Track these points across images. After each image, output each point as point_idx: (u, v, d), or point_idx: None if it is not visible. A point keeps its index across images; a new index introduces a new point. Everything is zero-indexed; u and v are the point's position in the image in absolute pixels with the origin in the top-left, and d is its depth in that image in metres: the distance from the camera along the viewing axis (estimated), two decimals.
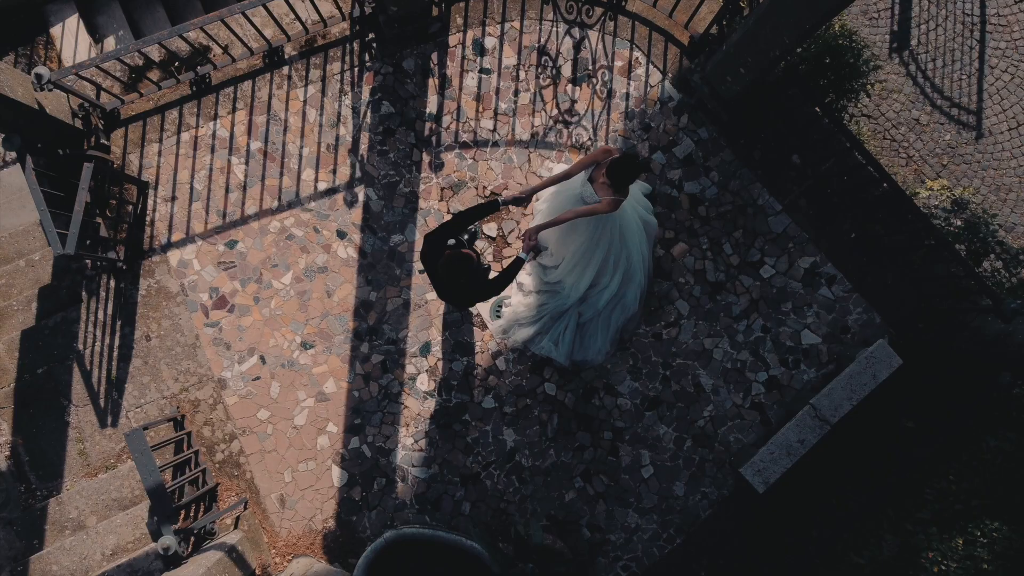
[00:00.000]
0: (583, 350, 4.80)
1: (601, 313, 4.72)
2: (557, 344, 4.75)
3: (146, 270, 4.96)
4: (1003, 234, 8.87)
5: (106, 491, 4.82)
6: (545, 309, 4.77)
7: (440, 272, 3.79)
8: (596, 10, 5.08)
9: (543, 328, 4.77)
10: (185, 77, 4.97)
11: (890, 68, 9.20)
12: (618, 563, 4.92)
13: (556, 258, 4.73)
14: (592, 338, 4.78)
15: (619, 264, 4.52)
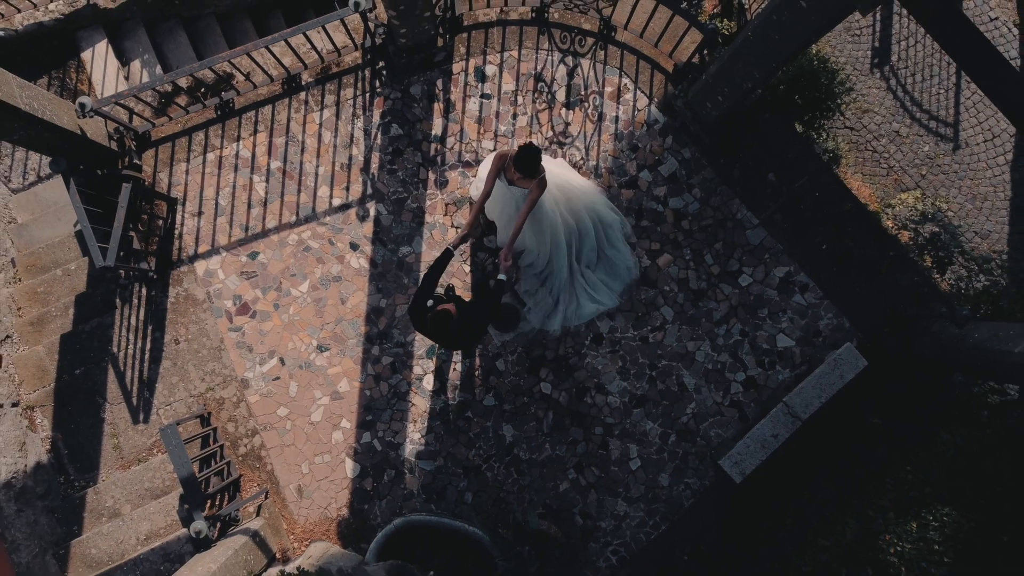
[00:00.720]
0: (597, 295, 5.29)
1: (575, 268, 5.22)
2: (581, 303, 5.25)
3: (175, 279, 5.41)
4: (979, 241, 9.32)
5: (139, 482, 5.26)
6: (555, 292, 5.23)
7: (432, 333, 4.27)
8: (588, 40, 5.53)
9: (565, 302, 5.24)
10: (211, 102, 5.42)
11: (871, 82, 9.66)
12: (608, 548, 5.36)
13: (541, 250, 5.13)
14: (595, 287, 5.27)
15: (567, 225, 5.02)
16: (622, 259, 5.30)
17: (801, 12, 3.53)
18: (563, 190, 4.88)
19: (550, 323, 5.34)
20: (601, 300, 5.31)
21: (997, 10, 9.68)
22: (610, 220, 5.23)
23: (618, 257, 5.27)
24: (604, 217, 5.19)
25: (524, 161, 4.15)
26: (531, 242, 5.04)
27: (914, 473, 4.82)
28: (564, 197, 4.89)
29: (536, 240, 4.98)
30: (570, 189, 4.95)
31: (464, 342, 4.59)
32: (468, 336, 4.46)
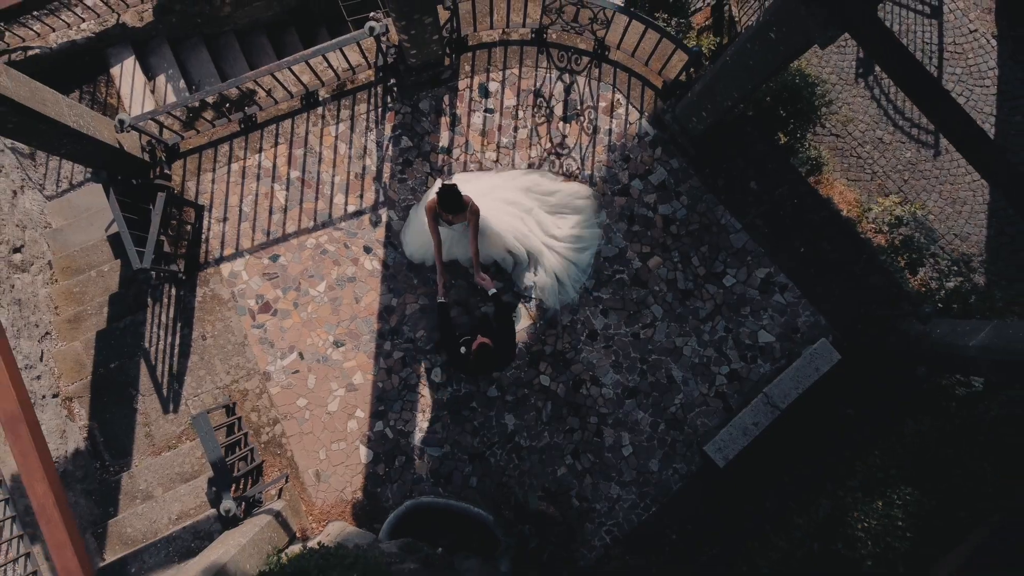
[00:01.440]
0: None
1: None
2: (575, 261, 5.82)
3: (202, 280, 5.86)
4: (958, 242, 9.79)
5: (170, 466, 5.71)
6: (549, 270, 5.74)
7: (483, 367, 5.05)
8: (583, 59, 5.98)
9: (563, 271, 5.78)
10: (235, 117, 5.86)
11: (856, 92, 10.13)
12: (602, 528, 5.81)
13: (511, 251, 5.63)
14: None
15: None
16: (570, 193, 5.73)
17: (770, 43, 3.97)
18: (494, 195, 5.39)
19: (565, 296, 5.82)
20: (587, 243, 5.79)
21: (976, 22, 10.12)
22: (548, 187, 5.69)
23: (567, 197, 5.71)
24: (540, 187, 5.65)
25: (448, 202, 4.63)
26: (496, 252, 5.54)
27: (881, 457, 5.27)
28: (499, 197, 5.41)
29: (498, 248, 5.49)
30: (499, 188, 5.48)
31: (508, 356, 5.31)
32: (508, 350, 5.14)
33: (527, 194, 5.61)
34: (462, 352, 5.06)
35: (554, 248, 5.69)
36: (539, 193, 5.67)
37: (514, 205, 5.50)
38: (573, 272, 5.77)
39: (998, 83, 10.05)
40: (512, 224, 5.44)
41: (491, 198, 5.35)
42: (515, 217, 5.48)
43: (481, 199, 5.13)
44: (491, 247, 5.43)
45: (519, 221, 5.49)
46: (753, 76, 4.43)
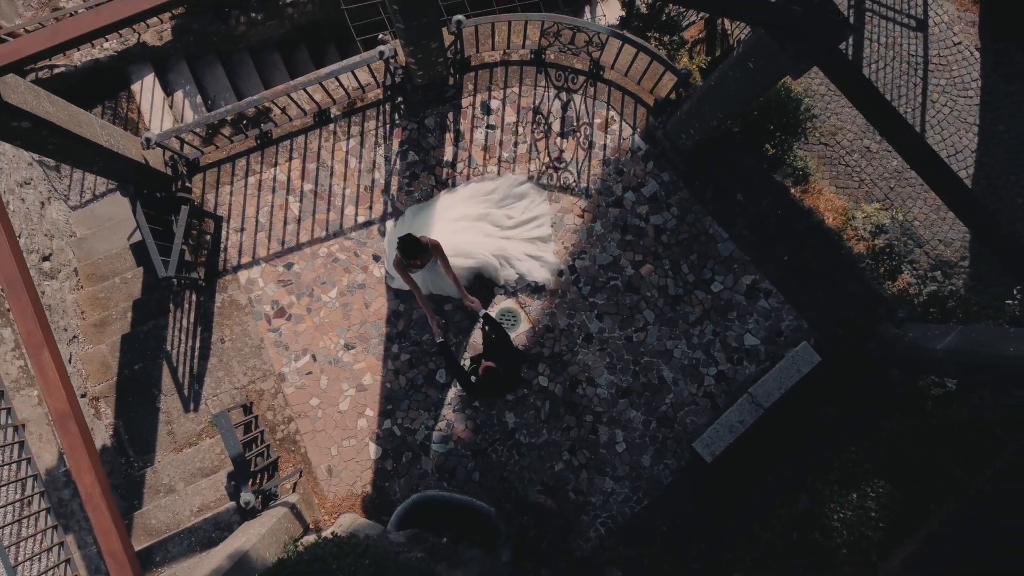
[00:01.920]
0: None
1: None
2: (539, 232, 6.25)
3: (221, 287, 6.22)
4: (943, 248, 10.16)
5: (191, 462, 6.07)
6: (522, 255, 6.15)
7: (493, 390, 5.48)
8: (579, 78, 6.34)
9: (532, 248, 6.20)
10: (251, 133, 6.23)
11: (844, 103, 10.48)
12: (597, 520, 6.17)
13: (477, 267, 5.99)
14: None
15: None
16: (508, 184, 6.14)
17: (749, 72, 4.34)
18: (444, 217, 5.81)
19: (549, 266, 6.18)
20: (542, 219, 6.20)
21: (960, 35, 10.49)
22: (487, 187, 6.09)
23: (507, 188, 6.12)
24: (480, 190, 6.06)
25: (410, 251, 4.86)
26: (469, 269, 5.89)
27: (857, 453, 5.64)
28: (449, 218, 5.83)
29: (468, 265, 5.84)
30: (447, 210, 5.88)
31: (517, 374, 5.71)
32: (516, 367, 5.52)
33: (472, 202, 5.96)
34: (472, 380, 5.36)
35: (514, 237, 6.04)
36: (482, 195, 6.01)
37: (463, 219, 5.84)
38: (541, 245, 6.14)
39: (981, 94, 10.41)
40: (468, 238, 5.78)
41: (442, 222, 5.73)
42: (468, 230, 5.82)
43: (434, 228, 5.52)
44: (461, 268, 5.69)
45: (473, 232, 5.84)
46: (735, 100, 4.80)
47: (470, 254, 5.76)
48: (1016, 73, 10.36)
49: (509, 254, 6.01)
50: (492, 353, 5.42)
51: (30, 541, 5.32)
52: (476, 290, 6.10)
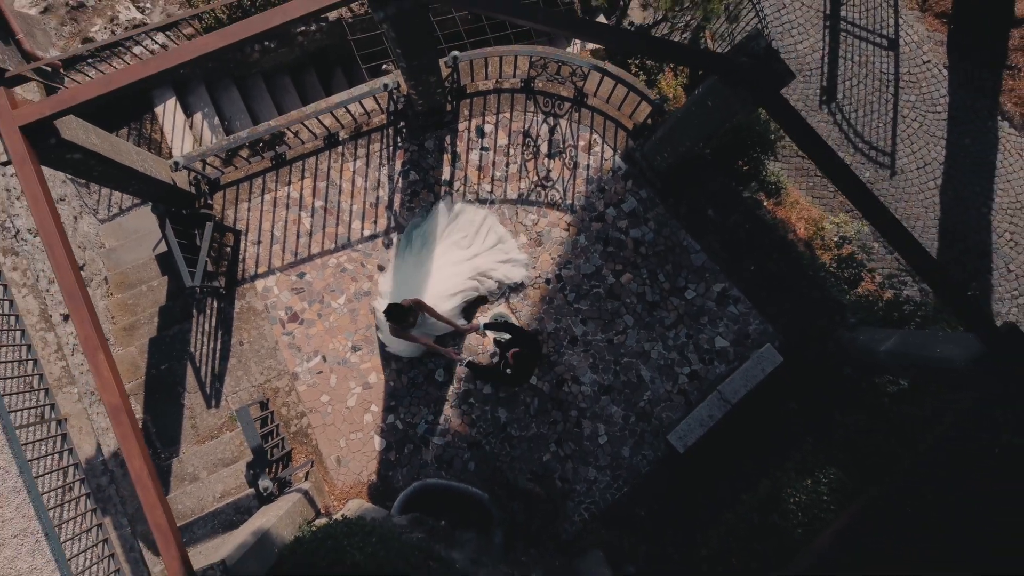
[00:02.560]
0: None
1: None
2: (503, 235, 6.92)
3: (239, 294, 6.85)
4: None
5: (213, 453, 6.70)
6: (499, 265, 6.80)
7: (529, 369, 5.99)
8: (565, 104, 6.97)
9: (501, 253, 6.84)
10: (267, 155, 6.86)
11: (820, 117, 11.14)
12: (581, 505, 6.80)
13: (463, 297, 6.64)
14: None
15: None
16: (471, 221, 6.78)
17: (708, 109, 4.97)
18: (421, 281, 6.45)
19: (521, 263, 6.80)
20: (501, 236, 6.83)
21: (929, 54, 11.14)
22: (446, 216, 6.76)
23: (469, 226, 6.75)
24: (453, 235, 6.68)
25: (399, 317, 5.61)
26: (457, 307, 6.54)
27: (813, 444, 6.28)
28: (426, 279, 6.44)
29: (457, 304, 6.51)
30: (418, 278, 6.49)
31: (539, 347, 6.28)
32: (535, 342, 6.08)
33: (447, 247, 6.58)
34: (508, 372, 5.90)
35: (481, 253, 6.63)
36: (457, 239, 6.62)
37: (437, 270, 6.46)
38: (503, 247, 6.73)
39: (949, 109, 11.05)
40: (444, 278, 6.39)
41: (421, 281, 6.38)
42: (442, 272, 6.41)
43: (416, 288, 6.26)
44: (451, 307, 6.40)
45: (446, 271, 6.42)
46: (699, 130, 5.43)
47: (453, 292, 6.40)
48: (981, 90, 11.00)
49: (483, 269, 6.62)
50: (512, 343, 5.99)
51: (72, 523, 5.94)
52: (465, 310, 6.75)
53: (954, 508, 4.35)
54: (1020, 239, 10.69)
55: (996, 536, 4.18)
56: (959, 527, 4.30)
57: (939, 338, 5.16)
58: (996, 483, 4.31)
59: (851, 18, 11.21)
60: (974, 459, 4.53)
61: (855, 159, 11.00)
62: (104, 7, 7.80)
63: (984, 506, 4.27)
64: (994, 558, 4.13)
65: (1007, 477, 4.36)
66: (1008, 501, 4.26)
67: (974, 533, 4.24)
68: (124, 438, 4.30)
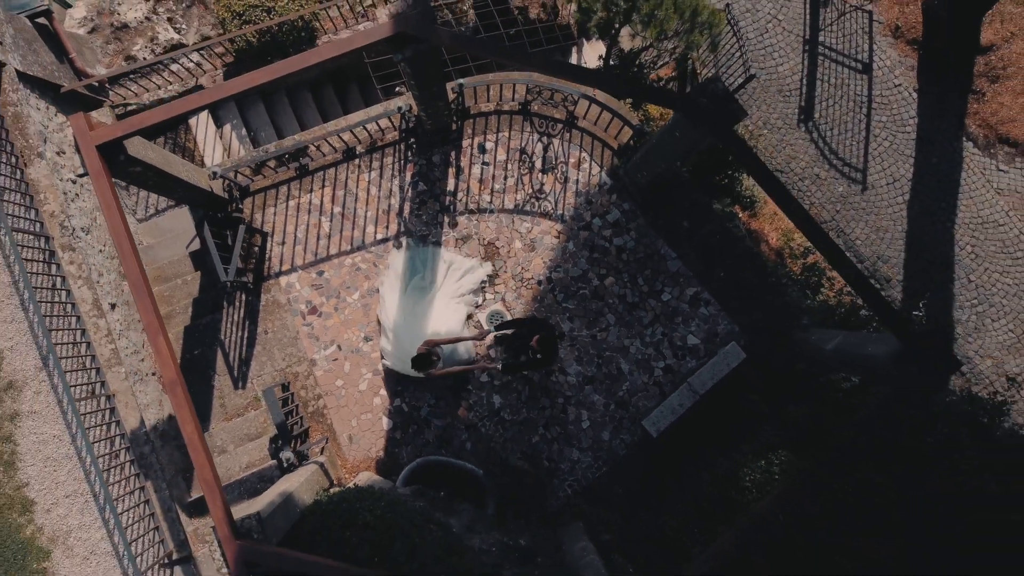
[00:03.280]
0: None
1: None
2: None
3: (265, 289, 7.71)
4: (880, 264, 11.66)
5: (239, 429, 7.55)
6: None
7: (554, 350, 6.54)
8: (558, 125, 7.83)
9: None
10: (292, 165, 7.72)
11: (798, 135, 12.01)
12: (565, 483, 7.66)
13: (465, 317, 7.56)
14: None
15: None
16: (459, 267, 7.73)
17: (676, 139, 5.83)
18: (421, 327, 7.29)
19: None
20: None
21: (900, 77, 12.00)
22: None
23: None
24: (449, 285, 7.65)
25: (423, 364, 6.55)
26: (459, 322, 7.43)
27: (769, 430, 7.13)
28: (425, 326, 7.30)
29: (457, 331, 7.35)
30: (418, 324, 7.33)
31: (551, 328, 6.90)
32: (547, 325, 6.73)
33: (447, 299, 7.50)
34: (539, 358, 6.48)
35: (445, 284, 7.56)
36: (425, 285, 7.55)
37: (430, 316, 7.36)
38: (458, 266, 7.62)
39: (917, 130, 11.91)
40: (436, 318, 7.25)
41: (421, 327, 7.24)
42: (432, 315, 7.27)
43: (420, 331, 7.15)
44: (455, 333, 7.23)
45: (435, 314, 7.29)
46: (671, 155, 6.29)
47: (450, 326, 7.25)
48: (948, 112, 11.85)
49: (457, 293, 7.49)
50: (529, 332, 6.67)
51: (117, 486, 6.80)
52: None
53: (864, 484, 5.21)
54: (980, 252, 11.54)
55: (893, 502, 5.03)
56: (868, 498, 5.15)
57: (872, 339, 6.02)
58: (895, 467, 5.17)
59: (829, 43, 12.06)
60: (880, 449, 5.39)
61: (830, 174, 11.86)
62: (145, 28, 8.65)
63: (886, 484, 5.13)
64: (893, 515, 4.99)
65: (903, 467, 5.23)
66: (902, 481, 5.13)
67: (878, 502, 5.10)
68: (179, 407, 5.16)
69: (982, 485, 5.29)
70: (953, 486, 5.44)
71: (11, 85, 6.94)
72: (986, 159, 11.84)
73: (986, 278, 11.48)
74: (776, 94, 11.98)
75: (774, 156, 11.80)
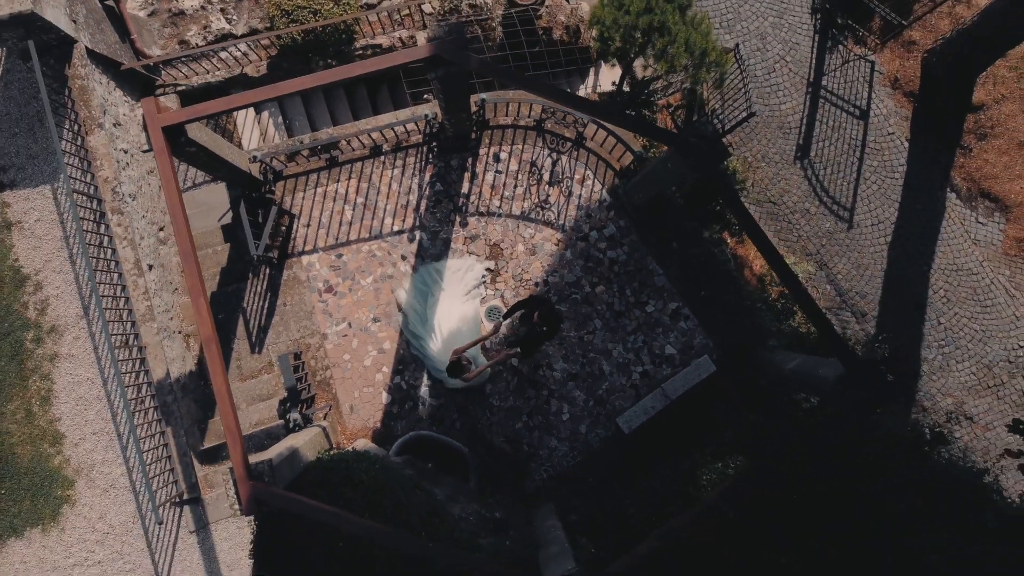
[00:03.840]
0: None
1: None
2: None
3: (288, 265, 8.48)
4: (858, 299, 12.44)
5: (252, 390, 8.33)
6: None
7: (556, 321, 7.50)
8: (567, 143, 8.61)
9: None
10: (323, 156, 8.49)
11: (793, 170, 12.78)
12: (542, 467, 8.43)
13: (475, 316, 8.37)
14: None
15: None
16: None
17: (669, 169, 6.59)
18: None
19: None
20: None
21: (895, 126, 12.77)
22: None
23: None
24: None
25: (459, 372, 7.42)
26: (475, 320, 8.26)
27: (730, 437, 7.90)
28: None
29: (469, 329, 8.16)
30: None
31: (550, 303, 7.89)
32: (545, 305, 7.60)
33: (457, 299, 8.35)
34: (544, 330, 7.48)
35: (452, 287, 8.37)
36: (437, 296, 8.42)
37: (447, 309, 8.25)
38: (455, 268, 8.43)
39: (905, 177, 12.67)
40: (456, 315, 8.12)
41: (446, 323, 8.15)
42: (453, 310, 8.13)
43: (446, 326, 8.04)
44: (474, 320, 8.12)
45: (455, 308, 8.15)
46: (663, 183, 7.06)
47: (466, 319, 8.08)
48: (936, 163, 12.61)
49: (465, 287, 8.30)
50: (530, 311, 7.50)
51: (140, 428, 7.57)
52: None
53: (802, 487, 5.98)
54: (952, 297, 12.30)
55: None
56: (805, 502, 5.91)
57: (823, 363, 6.79)
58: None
59: (831, 87, 12.83)
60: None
61: (819, 210, 12.62)
62: (199, 16, 9.43)
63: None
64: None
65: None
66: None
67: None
68: (212, 361, 5.94)
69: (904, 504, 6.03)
70: (879, 504, 6.19)
71: (80, 61, 7.71)
72: (967, 211, 12.60)
73: (955, 322, 12.24)
74: (776, 130, 12.75)
75: (768, 188, 12.56)
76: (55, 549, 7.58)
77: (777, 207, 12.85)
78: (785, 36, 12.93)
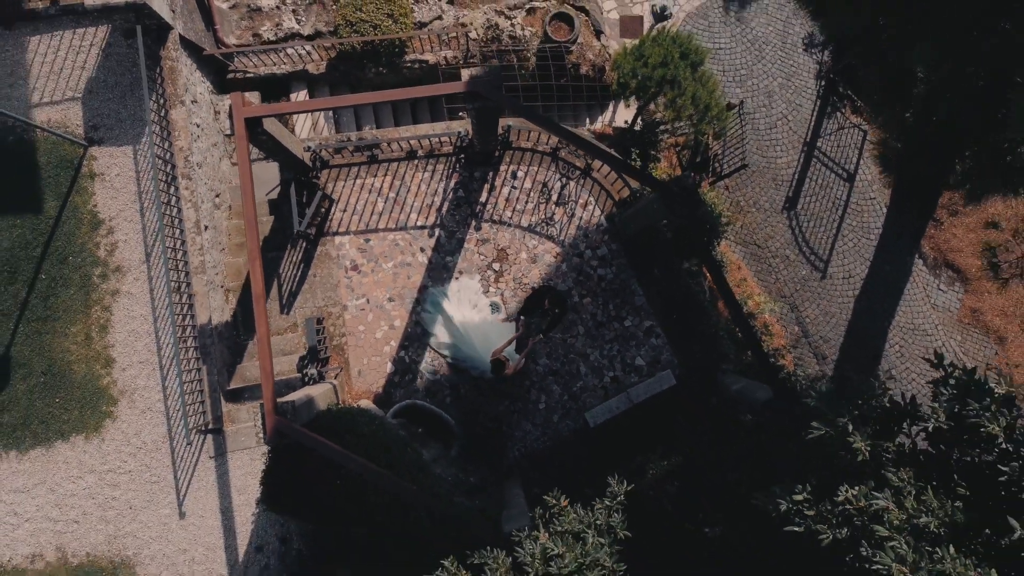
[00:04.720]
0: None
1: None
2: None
3: (322, 243, 9.79)
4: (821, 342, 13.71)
5: (277, 345, 9.63)
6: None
7: (564, 305, 8.94)
8: (576, 171, 9.92)
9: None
10: (365, 153, 9.81)
11: (779, 219, 14.05)
12: (516, 447, 9.72)
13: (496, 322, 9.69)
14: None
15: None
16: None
17: (654, 209, 7.89)
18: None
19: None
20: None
21: (876, 193, 14.06)
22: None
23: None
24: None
25: (502, 369, 8.63)
26: (500, 324, 9.58)
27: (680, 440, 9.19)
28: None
29: (487, 321, 9.51)
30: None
31: (552, 290, 9.27)
32: (552, 293, 9.00)
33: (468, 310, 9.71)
34: (557, 312, 8.88)
35: (466, 302, 9.71)
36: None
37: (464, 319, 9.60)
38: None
39: (880, 239, 13.94)
40: (473, 317, 9.49)
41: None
42: (469, 316, 9.50)
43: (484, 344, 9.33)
44: (490, 317, 9.49)
45: (470, 316, 9.50)
46: (653, 217, 8.36)
47: (484, 318, 9.47)
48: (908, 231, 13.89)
49: (470, 300, 9.66)
50: (540, 299, 8.79)
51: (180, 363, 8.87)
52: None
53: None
54: (906, 353, 13.57)
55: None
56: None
57: (758, 387, 8.09)
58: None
59: (824, 149, 14.11)
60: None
61: (798, 258, 13.90)
62: (273, 14, 10.75)
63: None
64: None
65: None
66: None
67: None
68: (259, 314, 7.25)
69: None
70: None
71: (173, 44, 9.03)
72: (931, 277, 13.87)
73: (905, 376, 13.51)
74: (770, 180, 14.03)
75: (755, 232, 13.85)
76: (94, 455, 8.90)
77: (761, 250, 14.15)
78: (790, 97, 14.21)
